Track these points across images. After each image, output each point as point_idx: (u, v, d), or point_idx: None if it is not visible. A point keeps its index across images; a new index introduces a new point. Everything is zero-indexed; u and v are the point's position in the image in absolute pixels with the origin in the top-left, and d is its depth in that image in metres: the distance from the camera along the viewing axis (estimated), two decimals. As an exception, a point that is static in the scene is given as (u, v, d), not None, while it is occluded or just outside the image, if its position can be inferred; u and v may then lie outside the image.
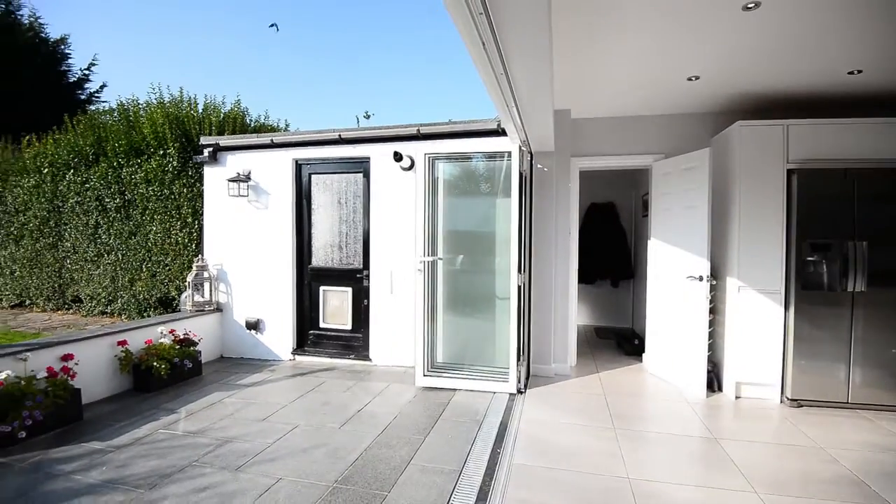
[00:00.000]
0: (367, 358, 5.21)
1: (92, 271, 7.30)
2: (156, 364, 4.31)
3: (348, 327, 5.39)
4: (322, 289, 5.46)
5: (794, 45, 3.23)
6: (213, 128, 6.69)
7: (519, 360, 4.17)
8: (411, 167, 4.92)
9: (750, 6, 2.72)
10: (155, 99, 7.26)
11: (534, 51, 2.25)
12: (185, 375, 4.65)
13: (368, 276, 5.21)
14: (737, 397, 4.09)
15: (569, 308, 4.90)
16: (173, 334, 4.72)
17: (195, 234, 6.21)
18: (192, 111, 6.92)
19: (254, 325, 5.50)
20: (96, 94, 14.10)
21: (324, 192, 5.43)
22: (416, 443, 3.24)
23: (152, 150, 6.51)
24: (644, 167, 5.15)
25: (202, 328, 5.23)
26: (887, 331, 3.75)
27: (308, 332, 5.50)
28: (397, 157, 4.86)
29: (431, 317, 4.56)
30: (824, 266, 3.85)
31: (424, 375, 4.42)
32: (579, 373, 4.85)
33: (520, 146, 4.05)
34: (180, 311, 5.74)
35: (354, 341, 5.36)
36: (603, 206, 7.14)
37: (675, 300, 4.53)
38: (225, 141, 5.61)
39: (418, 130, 4.90)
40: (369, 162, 5.17)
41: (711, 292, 4.16)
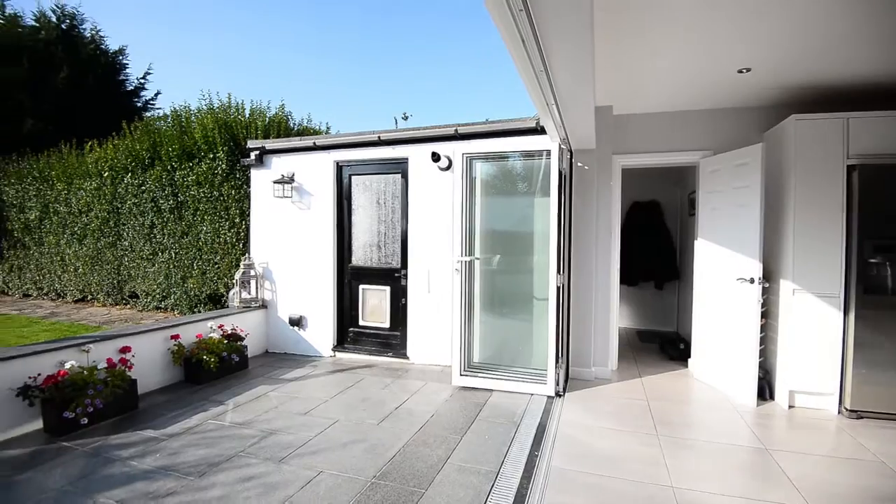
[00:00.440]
0: (404, 356, 5.27)
1: (147, 269, 7.72)
2: (205, 357, 4.51)
3: (386, 325, 5.46)
4: (361, 287, 5.56)
5: (856, 31, 3.02)
6: (259, 132, 6.94)
7: (557, 362, 4.10)
8: (449, 167, 4.94)
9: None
10: (205, 105, 7.61)
11: (575, 47, 2.21)
12: (232, 369, 4.85)
13: (406, 276, 5.27)
14: (790, 406, 3.88)
15: (610, 310, 4.78)
16: (222, 329, 4.94)
17: (242, 233, 6.46)
18: (239, 116, 7.21)
19: (297, 322, 5.67)
20: (151, 102, 14.91)
21: (363, 192, 5.53)
22: (453, 442, 3.25)
23: (203, 154, 6.81)
24: (691, 164, 4.95)
25: (248, 324, 5.44)
26: (963, 339, 3.46)
27: (348, 330, 5.62)
28: (435, 157, 4.89)
29: (468, 316, 4.56)
30: (888, 269, 3.58)
31: (461, 375, 4.43)
32: (621, 377, 4.73)
33: (559, 144, 3.99)
34: (228, 307, 5.98)
35: (392, 339, 5.43)
36: (646, 204, 6.92)
37: (724, 303, 4.33)
38: (270, 144, 5.81)
39: (456, 131, 4.91)
40: (407, 163, 5.23)
41: (763, 295, 3.95)
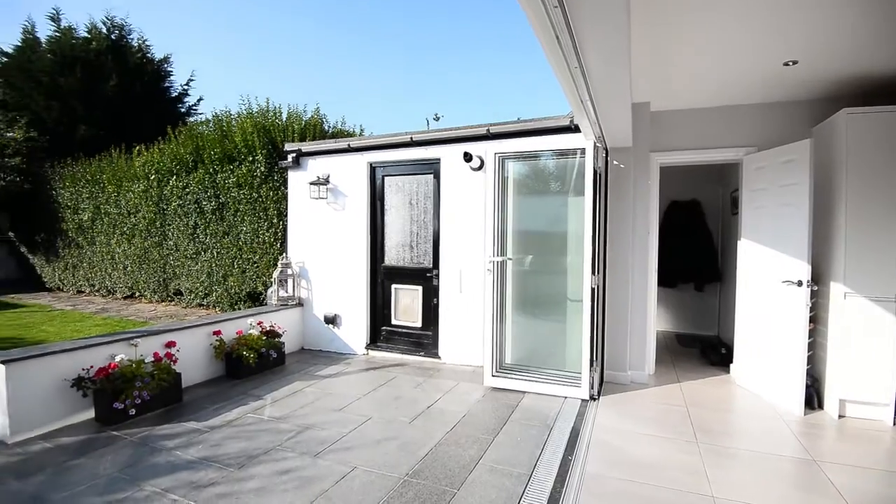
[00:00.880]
0: (436, 355, 5.29)
1: (191, 267, 8.05)
2: (245, 353, 4.66)
3: (418, 325, 5.50)
4: (394, 287, 5.62)
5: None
6: (296, 135, 7.11)
7: (592, 365, 4.03)
8: (481, 167, 4.93)
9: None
10: (245, 110, 7.87)
11: (611, 42, 2.17)
12: (269, 364, 4.99)
13: (438, 276, 5.29)
14: (840, 416, 3.67)
15: (647, 312, 4.65)
16: (260, 326, 5.09)
17: (280, 233, 6.64)
18: (276, 120, 7.42)
19: (331, 320, 5.79)
20: (194, 107, 15.53)
21: (396, 193, 5.59)
22: (485, 443, 3.24)
23: (243, 157, 7.04)
24: (733, 161, 4.77)
25: (285, 321, 5.59)
26: None
27: (380, 329, 5.69)
28: (467, 157, 4.88)
29: (500, 317, 4.53)
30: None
31: (493, 376, 4.41)
32: (658, 382, 4.60)
33: (594, 142, 3.91)
34: (266, 304, 6.16)
35: (424, 339, 5.46)
36: (686, 204, 6.70)
37: (769, 307, 4.15)
38: (307, 147, 5.96)
39: (488, 130, 4.89)
40: (439, 163, 5.25)
41: (812, 299, 3.76)
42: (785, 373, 3.89)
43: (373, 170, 5.63)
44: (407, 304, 5.57)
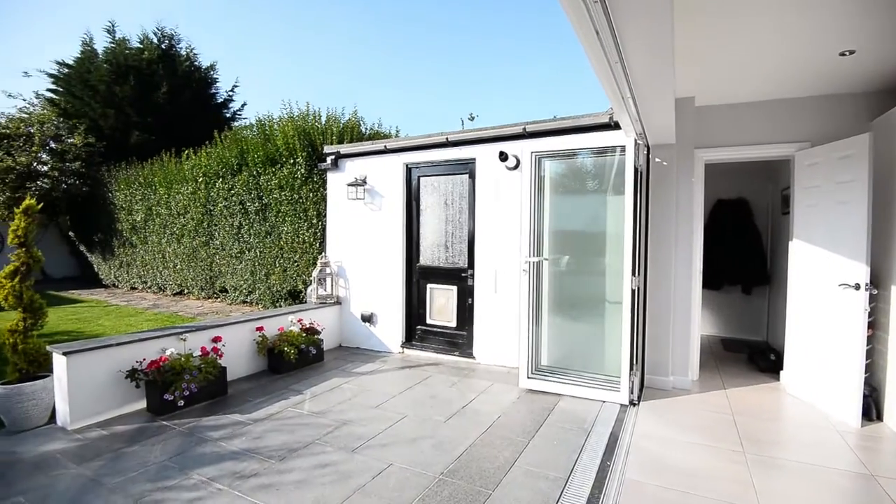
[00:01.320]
0: (470, 355, 5.29)
1: (235, 266, 8.36)
2: (286, 349, 4.81)
3: (453, 324, 5.51)
4: (429, 286, 5.65)
5: None
6: (334, 137, 7.27)
7: (632, 369, 3.92)
8: (517, 166, 4.89)
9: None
10: (286, 114, 8.12)
11: (654, 35, 2.10)
12: (309, 361, 5.12)
13: (473, 276, 5.28)
14: (905, 429, 3.43)
15: (690, 315, 4.49)
16: (300, 323, 5.23)
17: (319, 233, 6.81)
18: (316, 123, 7.60)
19: (368, 319, 5.89)
20: (238, 112, 16.15)
21: (431, 193, 5.62)
22: (521, 445, 3.21)
23: (284, 160, 7.26)
24: (784, 157, 4.53)
25: (324, 319, 5.72)
26: None
27: (416, 328, 5.74)
28: (503, 156, 4.86)
29: (536, 318, 4.48)
30: None
31: (528, 377, 4.37)
32: (702, 388, 4.43)
33: (635, 139, 3.81)
34: (306, 302, 6.33)
35: (459, 338, 5.47)
36: (732, 202, 6.43)
37: (824, 311, 3.92)
38: (345, 149, 6.08)
39: (524, 129, 4.85)
40: (475, 163, 5.24)
41: (871, 303, 3.53)
42: (840, 381, 3.67)
43: (408, 170, 5.69)
44: (442, 304, 5.59)
